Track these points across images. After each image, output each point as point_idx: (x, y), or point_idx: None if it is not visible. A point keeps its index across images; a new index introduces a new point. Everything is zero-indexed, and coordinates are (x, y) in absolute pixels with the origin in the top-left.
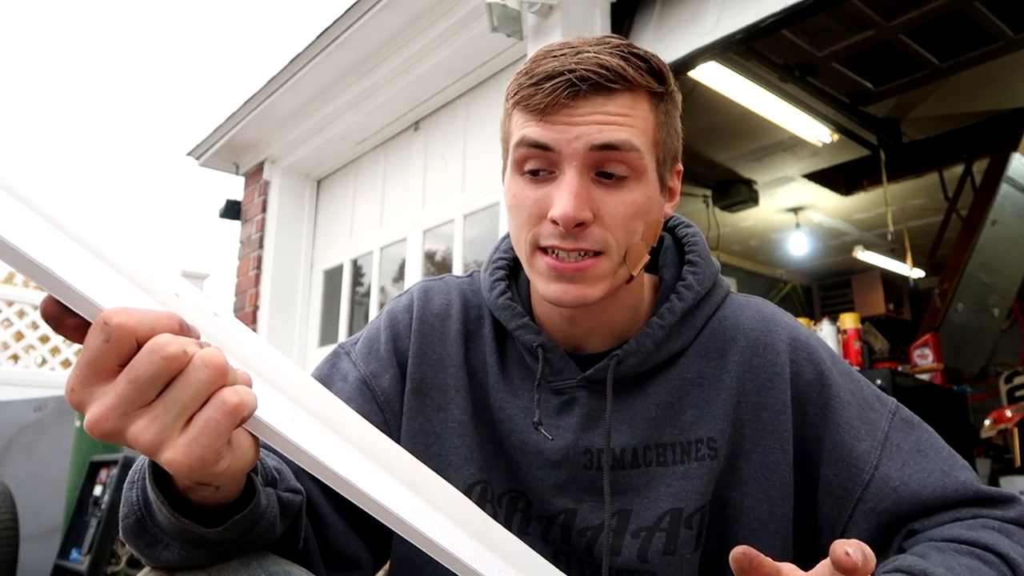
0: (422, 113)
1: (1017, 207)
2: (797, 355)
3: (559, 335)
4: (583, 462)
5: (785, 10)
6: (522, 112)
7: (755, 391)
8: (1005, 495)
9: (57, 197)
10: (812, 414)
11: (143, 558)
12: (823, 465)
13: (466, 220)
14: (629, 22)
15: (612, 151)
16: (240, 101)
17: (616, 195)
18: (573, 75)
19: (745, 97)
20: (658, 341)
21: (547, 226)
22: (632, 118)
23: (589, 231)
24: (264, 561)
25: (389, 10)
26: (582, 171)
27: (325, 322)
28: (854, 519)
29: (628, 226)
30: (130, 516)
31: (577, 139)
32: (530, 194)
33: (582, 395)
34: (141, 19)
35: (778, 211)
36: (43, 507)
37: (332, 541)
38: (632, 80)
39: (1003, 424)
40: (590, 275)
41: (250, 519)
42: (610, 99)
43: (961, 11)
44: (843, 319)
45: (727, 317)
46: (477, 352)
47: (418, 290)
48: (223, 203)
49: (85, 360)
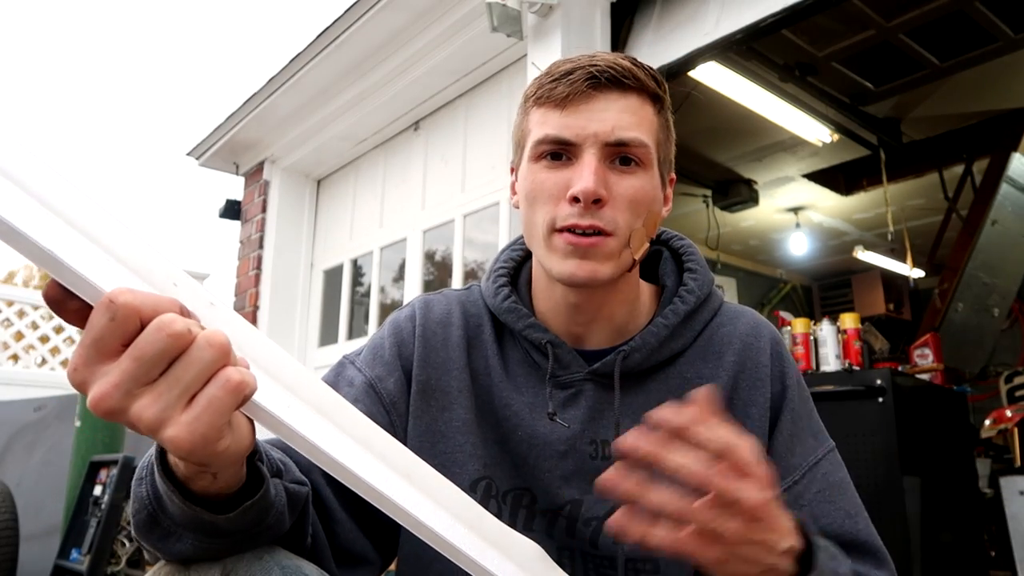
0: (422, 113)
1: (1017, 207)
2: (774, 363)
3: (561, 332)
4: (589, 452)
5: (785, 10)
6: (541, 107)
7: (746, 389)
8: (882, 554)
9: (58, 187)
10: (774, 418)
11: (157, 552)
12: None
13: (466, 220)
14: (629, 22)
15: (624, 147)
16: (240, 101)
17: (627, 179)
18: (594, 68)
19: (745, 97)
20: (662, 339)
21: (565, 206)
22: (640, 117)
23: (603, 210)
24: (276, 555)
25: (389, 10)
26: (600, 157)
27: (325, 322)
28: None
29: (634, 209)
30: (141, 511)
31: (595, 134)
32: (549, 176)
33: (588, 388)
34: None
35: (778, 211)
36: (43, 507)
37: (341, 538)
38: (642, 82)
39: (1003, 424)
40: (601, 252)
41: (261, 506)
42: (623, 96)
43: (961, 11)
44: (843, 319)
45: (723, 324)
46: (479, 356)
47: (419, 302)
48: (223, 203)
49: (89, 339)
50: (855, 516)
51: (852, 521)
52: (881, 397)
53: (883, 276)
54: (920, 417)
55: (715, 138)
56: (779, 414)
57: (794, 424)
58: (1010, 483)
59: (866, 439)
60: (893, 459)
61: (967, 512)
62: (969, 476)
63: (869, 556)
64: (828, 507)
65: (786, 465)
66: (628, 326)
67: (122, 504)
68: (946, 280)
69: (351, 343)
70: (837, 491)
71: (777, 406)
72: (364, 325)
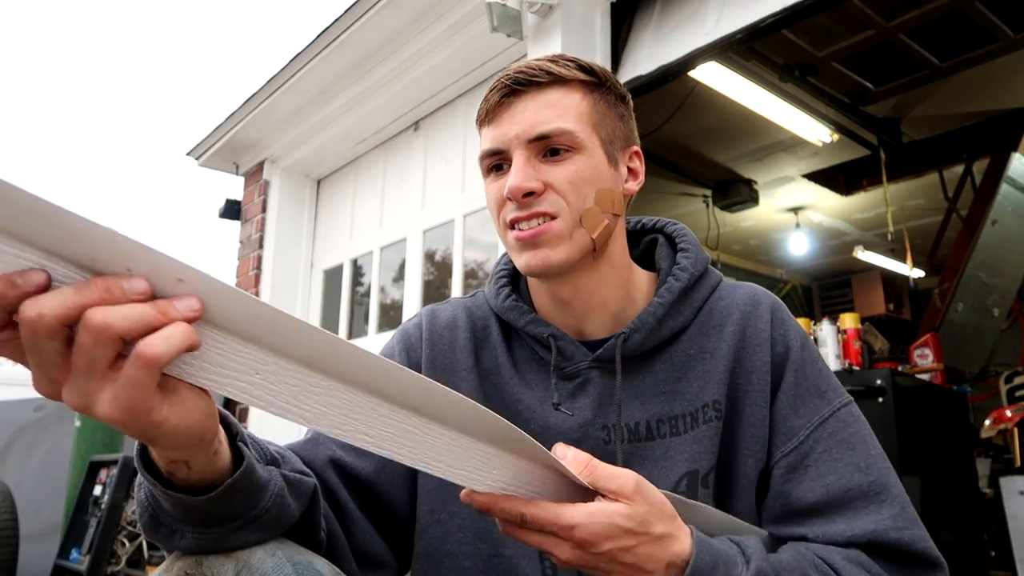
0: (422, 113)
1: (1017, 207)
2: (775, 327)
3: (561, 325)
4: (602, 437)
5: (785, 10)
6: (481, 128)
7: (747, 355)
8: (891, 494)
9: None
10: (777, 379)
11: (168, 552)
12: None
13: (466, 220)
14: (629, 22)
15: (548, 138)
16: (240, 101)
17: (561, 167)
18: (507, 78)
19: (745, 97)
20: (659, 318)
21: (508, 207)
22: (563, 106)
23: (542, 198)
24: (288, 549)
25: (389, 10)
26: (528, 155)
27: (325, 322)
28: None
29: (577, 191)
30: (144, 514)
31: (516, 136)
32: (493, 185)
33: (594, 375)
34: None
35: (778, 211)
36: (43, 507)
37: (358, 539)
38: (558, 74)
39: (1003, 424)
40: (547, 238)
41: (246, 487)
42: (540, 93)
43: (961, 11)
44: (843, 319)
45: (722, 298)
46: (487, 356)
47: (426, 311)
48: (223, 203)
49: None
50: (866, 468)
51: (862, 473)
52: (881, 397)
53: (883, 276)
54: (920, 417)
55: (715, 138)
56: (781, 376)
57: (797, 385)
58: (1010, 483)
59: None
60: (893, 459)
61: (967, 512)
62: (969, 476)
63: (886, 504)
64: (835, 465)
65: (791, 425)
66: (626, 313)
67: (122, 504)
68: (946, 280)
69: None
70: (846, 447)
71: (779, 368)
72: (364, 325)
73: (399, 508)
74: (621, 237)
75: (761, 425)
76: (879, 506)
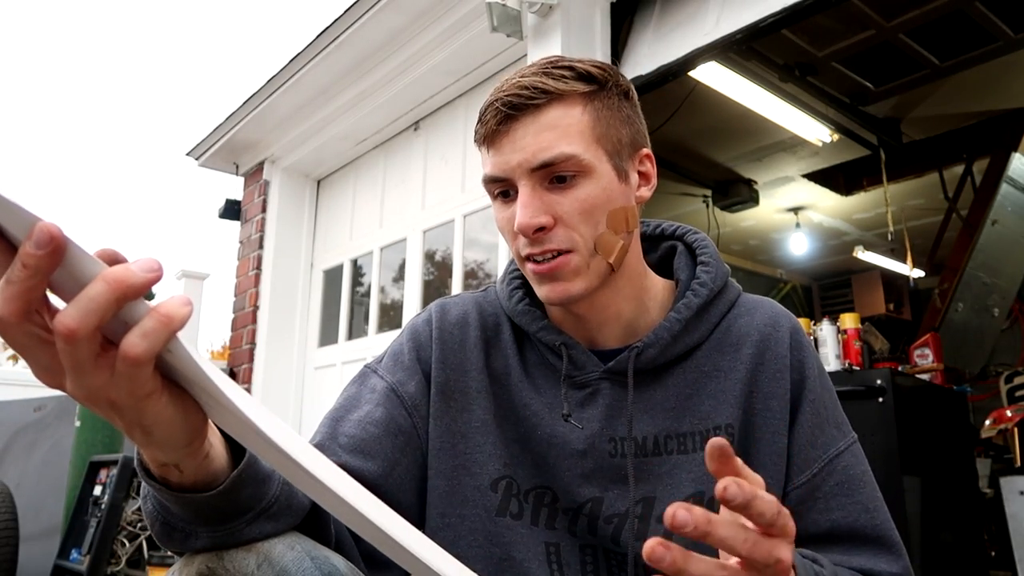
0: (422, 113)
1: (1017, 207)
2: (793, 353)
3: (573, 333)
4: (608, 450)
5: (785, 10)
6: (481, 147)
7: (766, 381)
8: (898, 549)
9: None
10: (795, 409)
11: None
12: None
13: (466, 220)
14: (629, 22)
15: (552, 166)
16: (240, 101)
17: (570, 195)
18: (499, 103)
19: (745, 97)
20: (675, 334)
21: (521, 239)
22: (563, 127)
23: (553, 233)
24: (306, 544)
25: (389, 10)
26: (533, 184)
27: (325, 322)
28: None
29: (588, 220)
30: (155, 524)
31: (519, 165)
32: (504, 215)
33: (605, 387)
34: (142, 20)
35: (778, 211)
36: (43, 507)
37: (364, 543)
38: (554, 91)
39: (1003, 424)
40: (564, 272)
41: (250, 474)
42: (538, 115)
43: (961, 11)
44: (843, 319)
45: (741, 315)
46: (498, 356)
47: (436, 306)
48: (223, 203)
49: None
50: (873, 511)
51: (869, 515)
52: (881, 397)
53: (883, 276)
54: (920, 417)
55: (715, 138)
56: (799, 405)
57: (815, 415)
58: (1010, 483)
59: (866, 439)
60: (893, 459)
61: (967, 512)
62: (969, 476)
63: (884, 550)
64: (845, 500)
65: (805, 457)
66: (640, 322)
67: (122, 504)
68: (946, 280)
69: (351, 343)
70: (856, 485)
71: (797, 397)
72: (364, 325)
73: (408, 511)
74: (636, 246)
75: (780, 455)
76: (877, 550)
